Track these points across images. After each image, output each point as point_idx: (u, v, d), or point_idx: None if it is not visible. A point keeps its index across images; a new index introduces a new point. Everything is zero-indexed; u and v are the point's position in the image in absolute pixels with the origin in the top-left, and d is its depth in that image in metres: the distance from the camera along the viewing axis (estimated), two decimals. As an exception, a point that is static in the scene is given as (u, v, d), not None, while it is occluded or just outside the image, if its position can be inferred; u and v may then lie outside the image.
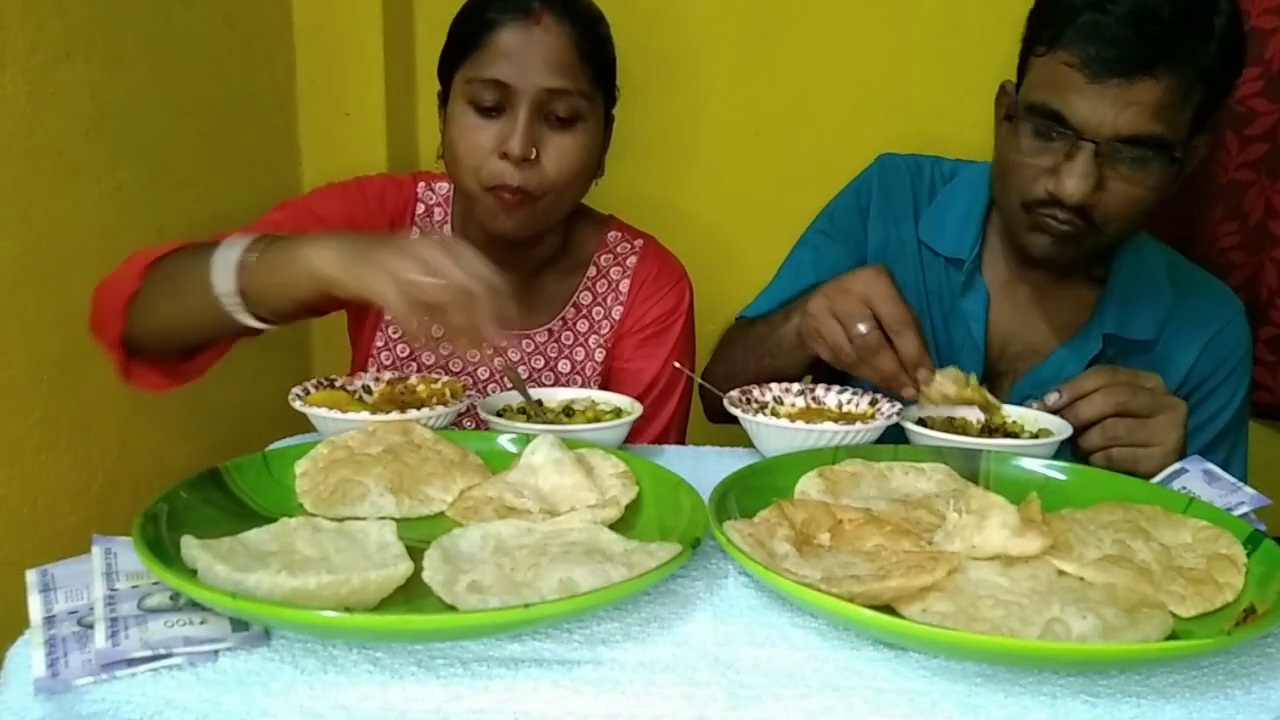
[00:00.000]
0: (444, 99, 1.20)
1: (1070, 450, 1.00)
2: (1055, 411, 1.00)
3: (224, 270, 0.93)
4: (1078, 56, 1.02)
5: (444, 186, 1.31)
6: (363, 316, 1.30)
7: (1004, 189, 1.14)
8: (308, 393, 0.99)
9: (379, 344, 1.29)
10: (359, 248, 0.88)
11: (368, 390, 1.04)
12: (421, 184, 1.31)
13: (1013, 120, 1.09)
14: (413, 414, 0.93)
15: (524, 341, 1.28)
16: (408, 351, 1.28)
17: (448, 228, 1.28)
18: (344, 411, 0.93)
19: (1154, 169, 1.04)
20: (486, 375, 1.29)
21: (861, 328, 0.97)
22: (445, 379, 1.06)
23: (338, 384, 1.03)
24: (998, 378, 1.23)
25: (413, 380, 1.06)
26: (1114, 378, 1.00)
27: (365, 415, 0.92)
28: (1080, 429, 0.99)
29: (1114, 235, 1.10)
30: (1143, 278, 1.20)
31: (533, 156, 1.12)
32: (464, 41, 1.15)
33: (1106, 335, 1.18)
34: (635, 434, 1.20)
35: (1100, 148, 1.02)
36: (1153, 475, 0.93)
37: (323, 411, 0.93)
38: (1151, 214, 1.11)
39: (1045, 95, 1.05)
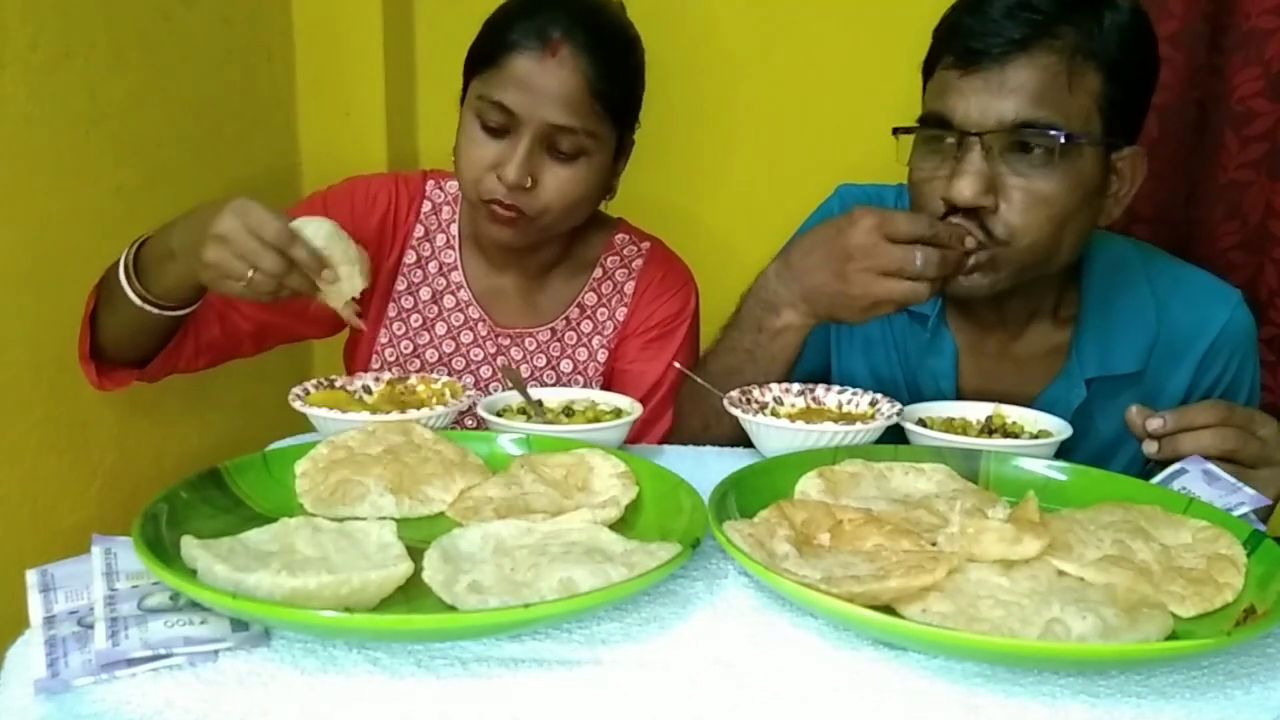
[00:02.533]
0: (463, 100, 1.20)
1: (1140, 466, 0.95)
2: (1156, 436, 0.92)
3: (122, 272, 1.05)
4: (953, 54, 1.01)
5: (454, 185, 1.31)
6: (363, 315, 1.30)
7: (916, 211, 1.07)
8: (308, 393, 0.99)
9: (382, 340, 1.29)
10: (192, 235, 0.97)
11: (368, 390, 1.04)
12: (430, 182, 1.31)
13: (897, 133, 1.07)
14: (413, 414, 0.93)
15: (526, 340, 1.29)
16: (411, 348, 1.28)
17: (455, 227, 1.29)
18: (344, 411, 0.93)
19: (1054, 167, 0.98)
20: (489, 374, 1.29)
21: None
22: (445, 379, 1.06)
23: (338, 384, 1.03)
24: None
25: (413, 380, 1.06)
26: (1229, 417, 0.91)
27: (365, 415, 0.92)
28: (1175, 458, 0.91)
29: (1026, 253, 1.01)
30: (1119, 305, 1.13)
31: (528, 185, 1.12)
32: (484, 53, 1.14)
33: (1090, 381, 1.11)
34: (638, 436, 1.20)
35: (984, 140, 0.98)
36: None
37: (323, 411, 0.93)
38: (1073, 235, 1.04)
39: (930, 103, 1.04)
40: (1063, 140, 0.98)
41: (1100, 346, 1.12)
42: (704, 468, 0.86)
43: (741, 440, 1.02)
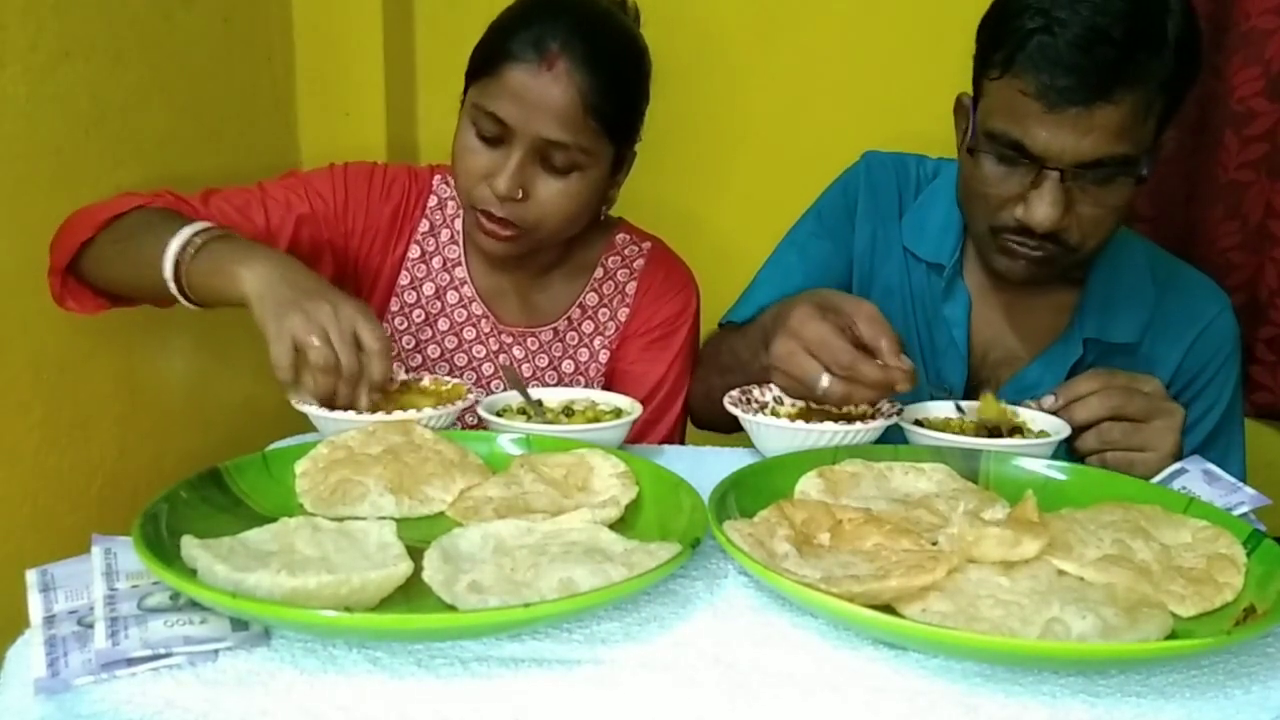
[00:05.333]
0: (464, 102, 1.19)
1: (1065, 452, 0.99)
2: (1051, 413, 0.99)
3: (169, 257, 1.01)
4: (1033, 85, 0.99)
5: None
6: None
7: (971, 213, 1.12)
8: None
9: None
10: (281, 292, 0.94)
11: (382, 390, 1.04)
12: (438, 177, 1.31)
13: (973, 152, 1.07)
14: (413, 414, 0.93)
15: (528, 340, 1.29)
16: (413, 343, 1.29)
17: (459, 223, 1.29)
18: (344, 411, 0.93)
19: (1121, 184, 1.03)
20: (491, 371, 1.29)
21: (824, 382, 0.92)
22: (454, 382, 1.05)
23: None
24: (980, 384, 1.21)
25: (425, 381, 1.06)
26: (1110, 381, 0.98)
27: (365, 415, 0.92)
28: (1076, 432, 0.98)
29: (1088, 252, 1.08)
30: (1123, 279, 1.19)
31: (519, 197, 1.11)
32: (483, 60, 1.13)
33: (1087, 340, 1.17)
34: (640, 437, 1.20)
35: (1065, 174, 1.00)
36: (1148, 479, 0.93)
37: (323, 411, 0.93)
38: (1121, 223, 1.10)
39: (1004, 124, 1.03)
40: (1143, 173, 1.02)
41: (1102, 312, 1.18)
42: (704, 468, 0.86)
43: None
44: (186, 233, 1.01)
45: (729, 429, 1.12)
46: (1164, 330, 1.19)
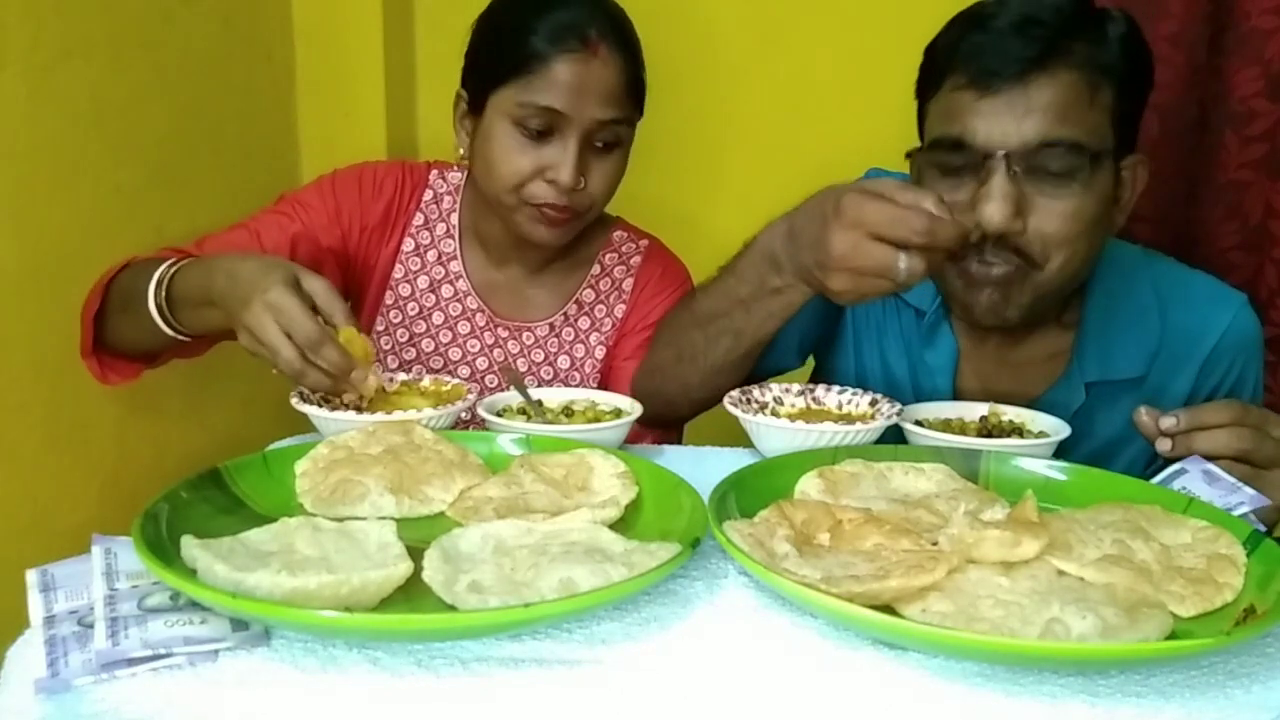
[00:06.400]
0: (472, 106, 1.20)
1: (1139, 470, 0.95)
2: (1169, 435, 0.90)
3: (154, 282, 1.03)
4: (966, 76, 0.98)
5: (456, 176, 1.32)
6: (357, 310, 1.30)
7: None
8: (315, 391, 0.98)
9: (378, 328, 1.29)
10: (231, 304, 0.94)
11: (381, 390, 1.04)
12: (434, 171, 1.32)
13: (916, 163, 1.04)
14: (413, 414, 0.93)
15: (523, 335, 1.29)
16: (407, 336, 1.29)
17: (455, 217, 1.30)
18: (344, 411, 0.93)
19: (1079, 183, 0.98)
20: (486, 366, 1.29)
21: (902, 263, 0.83)
22: (454, 382, 1.05)
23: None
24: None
25: (426, 382, 1.06)
26: (1244, 417, 0.90)
27: (365, 415, 0.92)
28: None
29: (1058, 274, 1.01)
30: (1122, 311, 1.12)
31: (581, 186, 1.15)
32: (512, 63, 1.14)
33: (1089, 385, 1.10)
34: (638, 437, 1.20)
35: (1011, 161, 0.96)
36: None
37: (323, 411, 0.93)
38: (1094, 250, 1.03)
39: (944, 126, 1.00)
40: (1090, 158, 0.97)
41: (1102, 351, 1.11)
42: (704, 468, 0.86)
43: (709, 390, 1.04)
44: (158, 275, 1.04)
45: (677, 409, 1.13)
46: (1174, 352, 1.12)
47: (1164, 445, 0.90)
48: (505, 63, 1.15)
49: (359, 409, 0.96)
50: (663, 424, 1.21)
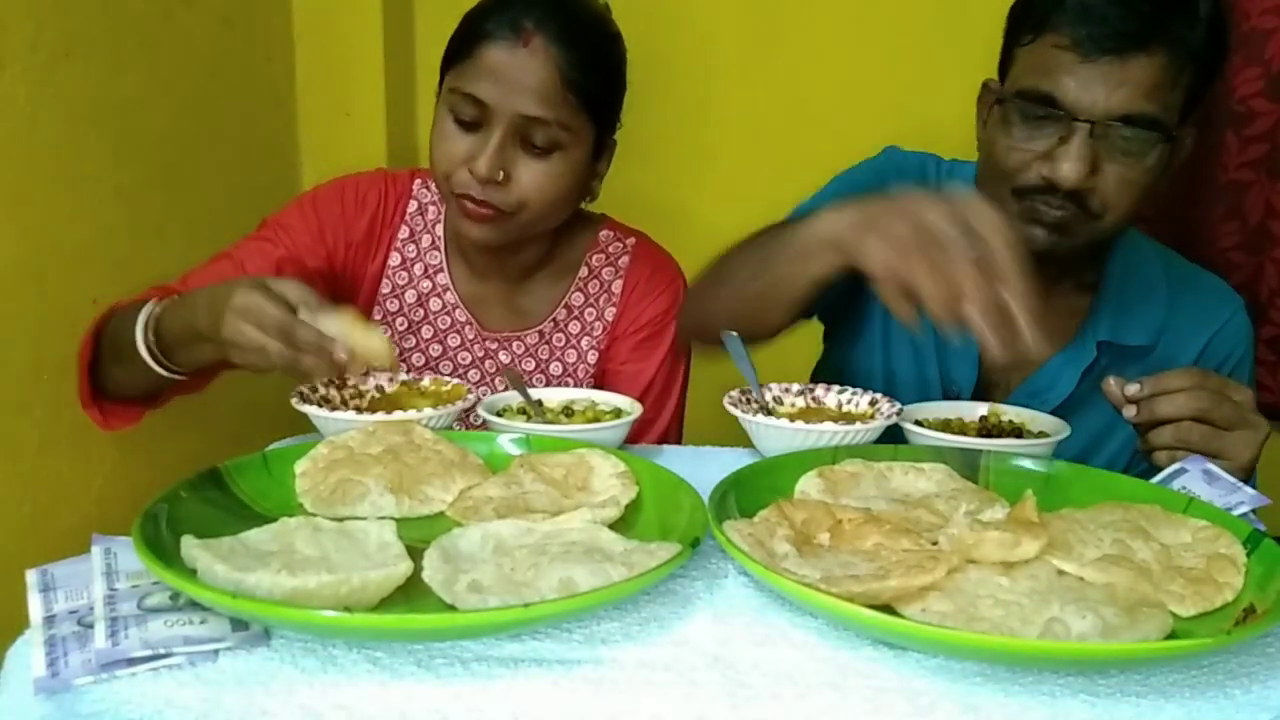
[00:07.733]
0: (439, 94, 1.19)
1: (1134, 446, 0.99)
2: (1134, 401, 0.95)
3: (140, 325, 1.01)
4: (1068, 37, 1.01)
5: None
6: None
7: (993, 179, 1.11)
8: (315, 390, 0.98)
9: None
10: (214, 325, 0.93)
11: (381, 390, 1.04)
12: (418, 181, 1.29)
13: (1002, 105, 1.07)
14: (413, 414, 0.93)
15: (513, 344, 1.27)
16: (397, 352, 1.28)
17: (441, 228, 1.28)
18: (344, 411, 0.93)
19: (1148, 153, 1.03)
20: (478, 378, 1.28)
21: None
22: (454, 383, 1.05)
23: (350, 382, 1.02)
24: (991, 388, 1.21)
25: (426, 381, 1.06)
26: (1203, 381, 0.95)
27: (365, 415, 0.92)
28: (1153, 424, 0.95)
29: (1109, 226, 1.08)
30: (1137, 281, 1.19)
31: (500, 179, 1.11)
32: (457, 47, 1.14)
33: (1101, 343, 1.16)
34: (637, 436, 1.20)
35: (1095, 129, 1.01)
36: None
37: (323, 412, 0.93)
38: (1144, 207, 1.09)
39: (1036, 79, 1.04)
40: (1163, 133, 1.02)
41: (1116, 315, 1.17)
42: (704, 468, 0.86)
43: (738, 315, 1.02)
44: (143, 318, 1.02)
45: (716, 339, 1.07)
46: (1178, 332, 1.18)
47: (1129, 412, 0.95)
48: (449, 48, 1.15)
49: (359, 409, 0.96)
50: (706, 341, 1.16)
